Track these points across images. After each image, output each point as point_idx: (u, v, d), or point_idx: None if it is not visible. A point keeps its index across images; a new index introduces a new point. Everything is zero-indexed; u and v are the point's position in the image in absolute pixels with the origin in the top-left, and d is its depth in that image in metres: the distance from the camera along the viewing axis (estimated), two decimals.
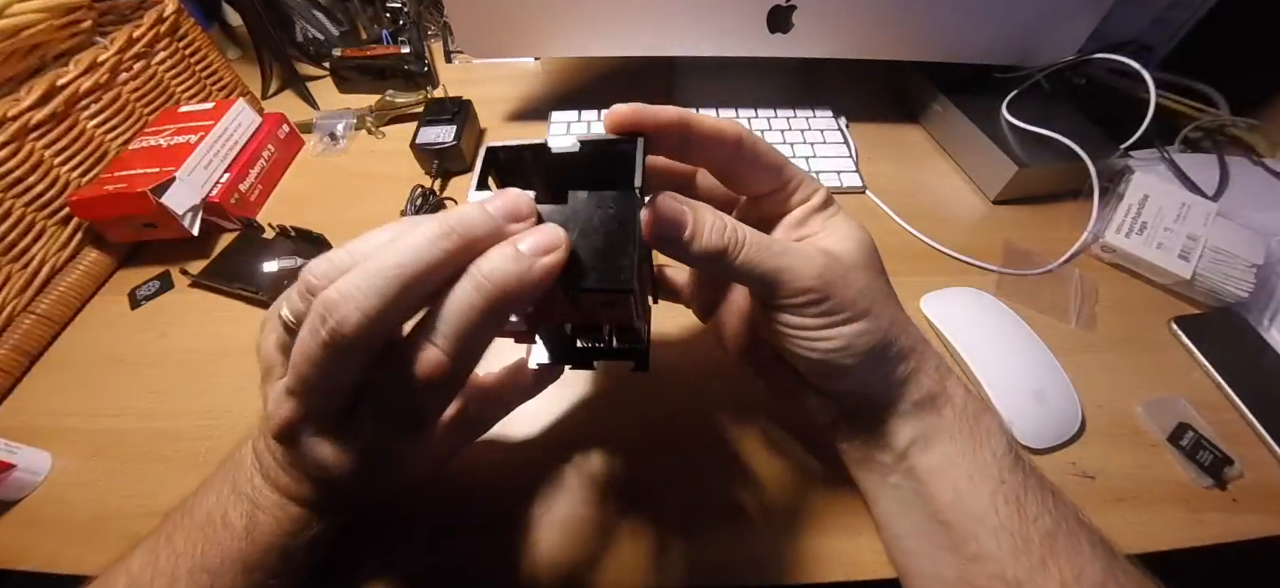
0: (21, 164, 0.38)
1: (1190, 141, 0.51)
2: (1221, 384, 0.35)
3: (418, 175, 0.51)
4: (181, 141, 0.45)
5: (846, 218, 0.24)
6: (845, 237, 0.23)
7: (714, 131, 0.22)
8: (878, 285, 0.23)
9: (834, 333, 0.22)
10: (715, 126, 0.22)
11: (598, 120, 0.55)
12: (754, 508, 0.30)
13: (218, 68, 0.56)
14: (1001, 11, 0.48)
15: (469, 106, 0.54)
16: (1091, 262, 0.43)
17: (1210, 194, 0.45)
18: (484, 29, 0.51)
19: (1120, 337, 0.38)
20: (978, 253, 0.43)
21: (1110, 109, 0.50)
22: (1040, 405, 0.33)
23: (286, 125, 0.54)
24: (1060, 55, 0.51)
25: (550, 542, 0.29)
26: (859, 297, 0.22)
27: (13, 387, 0.37)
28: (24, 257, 0.39)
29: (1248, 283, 0.38)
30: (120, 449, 0.34)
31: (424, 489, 0.30)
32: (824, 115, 0.56)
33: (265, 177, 0.51)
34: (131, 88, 0.47)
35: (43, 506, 0.32)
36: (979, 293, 0.39)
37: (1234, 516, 0.30)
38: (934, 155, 0.54)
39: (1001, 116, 0.50)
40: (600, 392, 0.35)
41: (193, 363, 0.38)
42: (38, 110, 0.39)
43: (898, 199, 0.48)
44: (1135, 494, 0.31)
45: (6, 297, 0.38)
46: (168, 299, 0.42)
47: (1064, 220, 0.45)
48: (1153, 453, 0.32)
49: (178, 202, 0.42)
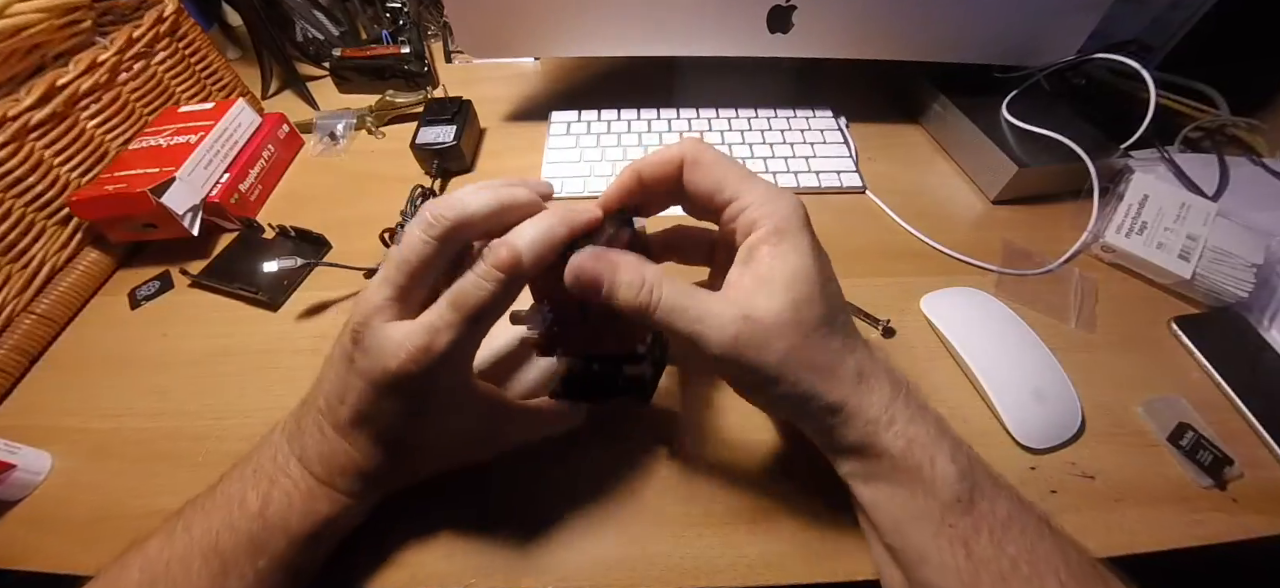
0: (21, 164, 0.38)
1: (1190, 141, 0.51)
2: (1221, 384, 0.35)
3: (418, 175, 0.51)
4: (181, 142, 0.45)
5: (797, 255, 0.22)
6: (782, 286, 0.22)
7: (660, 165, 0.24)
8: (802, 350, 0.22)
9: (746, 391, 0.24)
10: (660, 159, 0.24)
11: (597, 120, 0.55)
12: (768, 507, 0.30)
13: (218, 68, 0.56)
14: (1001, 11, 0.48)
15: (469, 106, 0.54)
16: (1091, 262, 0.43)
17: (1210, 194, 0.45)
18: (484, 29, 0.51)
19: (1120, 337, 0.38)
20: (977, 253, 0.43)
21: (1110, 109, 0.50)
22: (1040, 405, 0.33)
23: (286, 125, 0.54)
24: (1060, 55, 0.51)
25: (557, 538, 0.29)
26: (774, 365, 0.22)
27: (13, 387, 0.37)
28: (24, 257, 0.39)
29: (1248, 283, 0.38)
30: (120, 449, 0.34)
31: (438, 487, 0.30)
32: (824, 115, 0.56)
33: (265, 177, 0.51)
34: (131, 88, 0.47)
35: (43, 506, 0.32)
36: (979, 293, 0.39)
37: (1234, 516, 0.30)
38: (934, 155, 0.54)
39: (1001, 116, 0.50)
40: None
41: (193, 363, 0.38)
42: (38, 110, 0.39)
43: (898, 199, 0.48)
44: (1135, 494, 0.31)
45: (6, 297, 0.38)
46: (168, 299, 0.42)
47: (1064, 220, 0.45)
48: (1153, 453, 0.32)
49: (178, 202, 0.42)
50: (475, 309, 0.21)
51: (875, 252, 0.44)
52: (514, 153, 0.55)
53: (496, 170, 0.54)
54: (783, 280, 0.22)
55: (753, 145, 0.52)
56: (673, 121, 0.55)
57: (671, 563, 0.28)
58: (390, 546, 0.29)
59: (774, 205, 0.22)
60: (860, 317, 0.39)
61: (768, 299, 0.22)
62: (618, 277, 0.22)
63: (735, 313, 0.21)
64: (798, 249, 0.22)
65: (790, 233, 0.22)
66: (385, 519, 0.29)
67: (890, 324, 0.38)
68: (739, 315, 0.21)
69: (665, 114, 0.56)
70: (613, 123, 0.55)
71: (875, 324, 0.38)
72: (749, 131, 0.54)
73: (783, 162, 0.51)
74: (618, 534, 0.29)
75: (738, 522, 0.30)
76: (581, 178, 0.50)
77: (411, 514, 0.30)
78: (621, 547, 0.29)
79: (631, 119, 0.55)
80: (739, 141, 0.53)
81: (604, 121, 0.55)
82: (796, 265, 0.22)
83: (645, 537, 0.29)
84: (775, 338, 0.21)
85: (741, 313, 0.21)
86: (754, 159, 0.51)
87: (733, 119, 0.55)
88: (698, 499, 0.30)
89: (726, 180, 0.23)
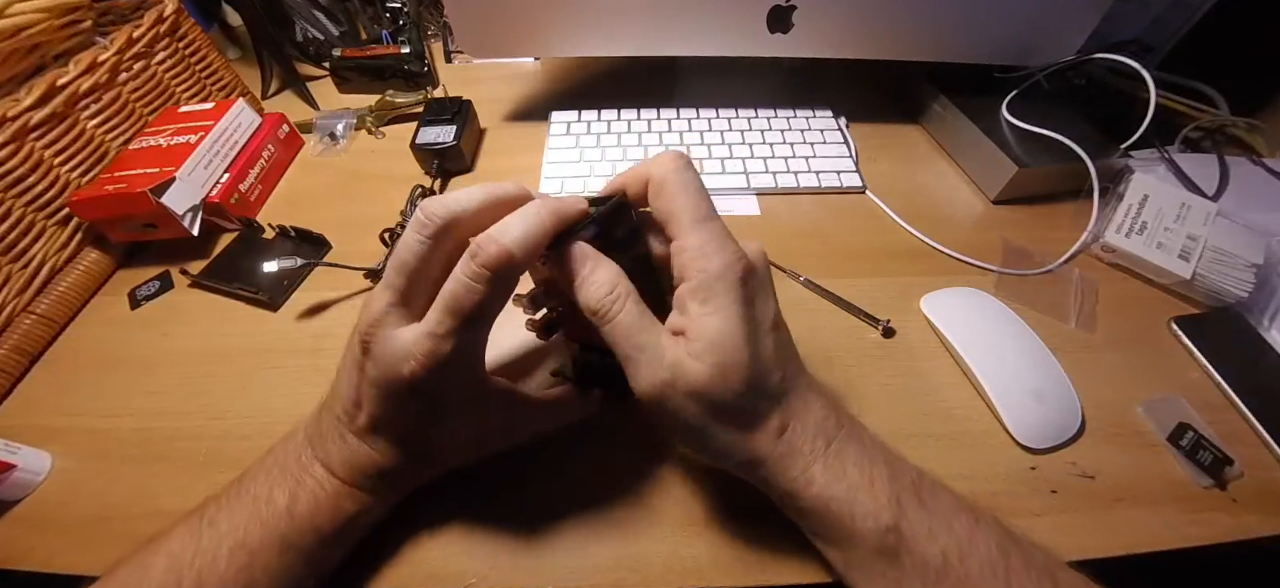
0: (21, 164, 0.38)
1: (1190, 141, 0.51)
2: (1221, 384, 0.35)
3: (418, 175, 0.51)
4: (181, 142, 0.45)
5: (720, 317, 0.21)
6: (705, 347, 0.21)
7: (635, 181, 0.24)
8: (719, 412, 0.22)
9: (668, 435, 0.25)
10: (635, 175, 0.24)
11: (597, 120, 0.55)
12: (768, 507, 0.30)
13: (218, 68, 0.56)
14: (1001, 11, 0.48)
15: (469, 106, 0.54)
16: (1091, 262, 0.43)
17: (1210, 194, 0.45)
18: (484, 29, 0.51)
19: (1120, 337, 0.38)
20: (977, 253, 0.43)
21: (1110, 109, 0.50)
22: (1040, 405, 0.33)
23: (286, 125, 0.54)
24: (1060, 55, 0.51)
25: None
26: (683, 426, 0.23)
27: (13, 387, 0.37)
28: (24, 257, 0.39)
29: (1248, 283, 0.38)
30: (120, 449, 0.34)
31: (438, 488, 0.30)
32: (824, 115, 0.56)
33: (265, 177, 0.51)
34: (131, 88, 0.47)
35: (43, 506, 0.32)
36: (979, 293, 0.39)
37: (1234, 516, 0.30)
38: (934, 155, 0.54)
39: (1001, 116, 0.50)
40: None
41: (193, 363, 0.38)
42: (38, 110, 0.39)
43: (898, 199, 0.48)
44: (1135, 494, 0.31)
45: (6, 297, 0.38)
46: (168, 299, 0.42)
47: (1064, 220, 0.45)
48: (1152, 453, 0.32)
49: (178, 202, 0.42)
50: (470, 311, 0.21)
51: (875, 252, 0.44)
52: (514, 153, 0.55)
53: (497, 170, 0.54)
54: (706, 342, 0.21)
55: (753, 145, 0.52)
56: (673, 121, 0.55)
57: (671, 563, 0.28)
58: (390, 546, 0.29)
59: (707, 261, 0.22)
60: (860, 317, 0.39)
61: (693, 360, 0.21)
62: (594, 275, 0.22)
63: (667, 361, 0.22)
64: (722, 310, 0.21)
65: (717, 294, 0.22)
66: (386, 520, 0.29)
67: (890, 324, 0.38)
68: (669, 364, 0.22)
69: (665, 114, 0.56)
70: (613, 123, 0.55)
71: (875, 324, 0.38)
72: (749, 132, 0.54)
73: (783, 162, 0.51)
74: (617, 534, 0.29)
75: (737, 522, 0.29)
76: (581, 178, 0.50)
77: (412, 515, 0.30)
78: (621, 547, 0.29)
79: (631, 119, 0.55)
80: (739, 141, 0.53)
81: (604, 122, 0.55)
82: (720, 328, 0.21)
83: (645, 537, 0.29)
84: (689, 402, 0.22)
85: (671, 362, 0.22)
86: (754, 159, 0.51)
87: (733, 119, 0.55)
88: (697, 499, 0.30)
89: (676, 216, 0.23)
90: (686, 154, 0.24)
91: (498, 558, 0.29)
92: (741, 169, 0.50)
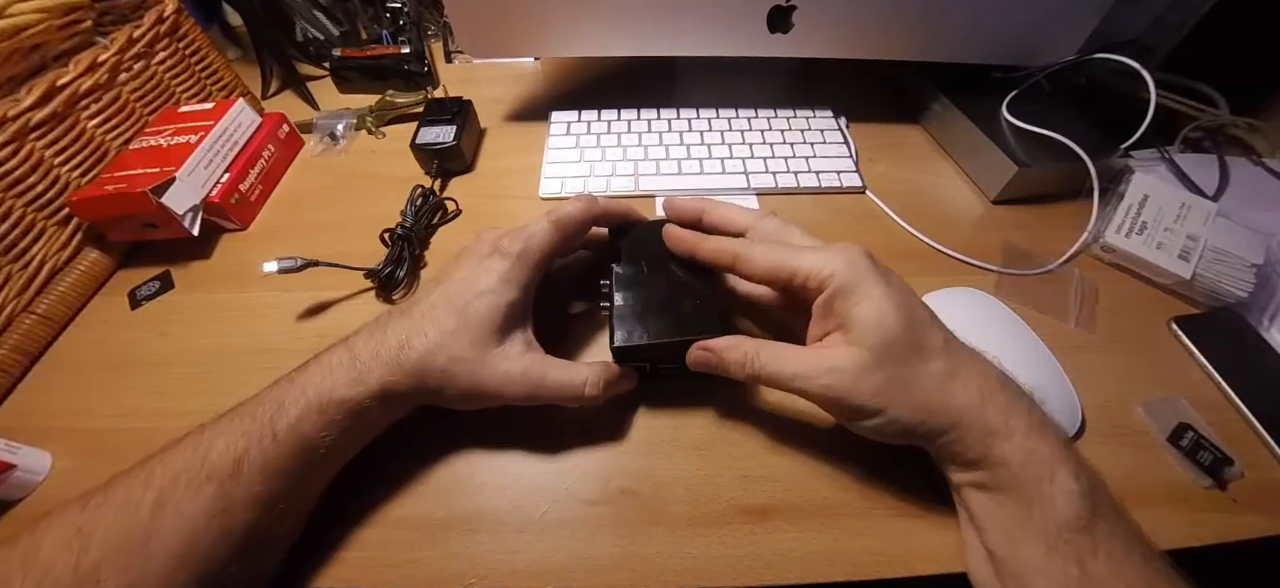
0: (21, 164, 0.38)
1: (1190, 141, 0.51)
2: (1221, 384, 0.35)
3: (418, 175, 0.51)
4: (181, 142, 0.45)
5: (868, 302, 0.24)
6: (864, 330, 0.24)
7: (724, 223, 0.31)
8: (897, 380, 0.24)
9: (853, 426, 0.26)
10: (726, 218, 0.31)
11: (598, 120, 0.55)
12: (769, 507, 0.30)
13: (218, 68, 0.56)
14: (1002, 11, 0.48)
15: (469, 106, 0.54)
16: (1091, 262, 0.43)
17: (1210, 194, 0.45)
18: (484, 29, 0.51)
19: (1120, 337, 0.38)
20: (977, 253, 0.43)
21: (1110, 109, 0.50)
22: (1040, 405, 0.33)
23: (286, 125, 0.54)
24: (1060, 55, 0.51)
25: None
26: (872, 398, 0.24)
27: (13, 387, 0.37)
28: (24, 257, 0.39)
29: (1248, 283, 0.38)
30: (120, 449, 0.33)
31: (438, 487, 0.30)
32: (824, 115, 0.56)
33: (265, 176, 0.51)
34: (131, 88, 0.47)
35: (43, 506, 0.31)
36: (978, 293, 0.39)
37: (1234, 516, 0.30)
38: (934, 155, 0.54)
39: (1001, 116, 0.50)
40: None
41: (193, 363, 0.38)
42: (38, 110, 0.39)
43: (898, 199, 0.48)
44: (1135, 494, 0.30)
45: (6, 297, 0.37)
46: (168, 299, 0.42)
47: (1064, 220, 0.45)
48: (1153, 453, 0.32)
49: (178, 202, 0.42)
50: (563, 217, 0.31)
51: (875, 251, 0.44)
52: (514, 153, 0.55)
53: (496, 170, 0.54)
54: (858, 331, 0.24)
55: (753, 145, 0.52)
56: (673, 122, 0.55)
57: (671, 563, 0.28)
58: (390, 546, 0.29)
59: (832, 267, 0.25)
60: None
61: (846, 351, 0.24)
62: (727, 357, 0.27)
63: (822, 366, 0.24)
64: (868, 297, 0.24)
65: (856, 285, 0.25)
66: (385, 517, 0.29)
67: None
68: (825, 368, 0.24)
69: (665, 114, 0.56)
70: (613, 123, 0.55)
71: None
72: (749, 132, 0.54)
73: (783, 162, 0.51)
74: (618, 534, 0.29)
75: (738, 522, 0.30)
76: (581, 178, 0.50)
77: (412, 514, 0.30)
78: (622, 547, 0.29)
79: (631, 119, 0.55)
80: (739, 141, 0.53)
81: (604, 122, 0.55)
82: (868, 312, 0.24)
83: (645, 537, 0.29)
84: (865, 377, 0.24)
85: (826, 366, 0.24)
86: (754, 159, 0.51)
87: (733, 119, 0.55)
88: (698, 499, 0.30)
89: (782, 266, 0.27)
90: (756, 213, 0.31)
91: (497, 558, 0.29)
92: (741, 169, 0.50)
